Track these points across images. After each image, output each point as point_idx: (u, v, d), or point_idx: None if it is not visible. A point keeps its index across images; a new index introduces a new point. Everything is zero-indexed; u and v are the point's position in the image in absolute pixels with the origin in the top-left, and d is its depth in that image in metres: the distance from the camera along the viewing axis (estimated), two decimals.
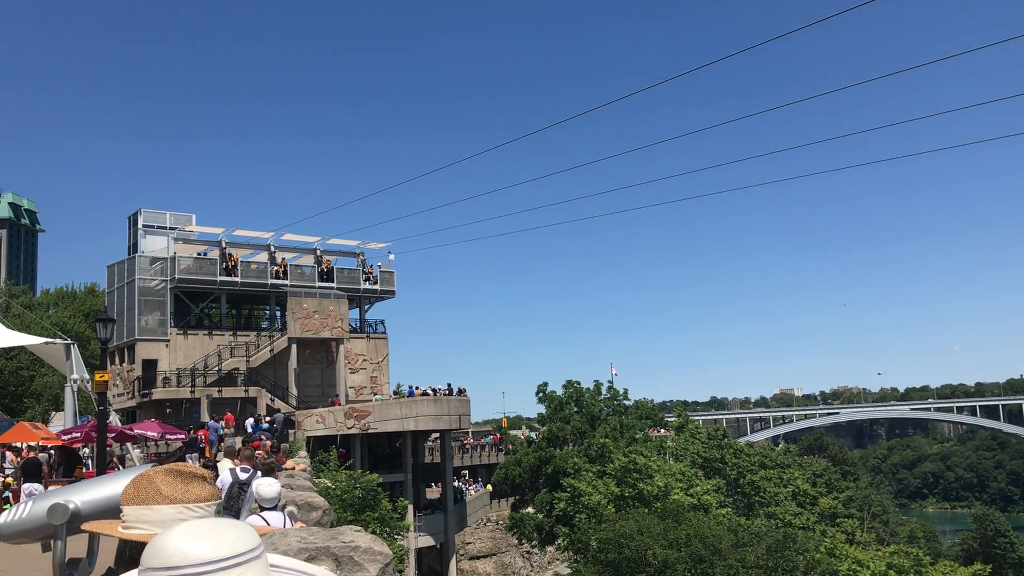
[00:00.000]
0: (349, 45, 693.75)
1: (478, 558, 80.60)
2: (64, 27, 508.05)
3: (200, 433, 41.87)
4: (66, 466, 24.88)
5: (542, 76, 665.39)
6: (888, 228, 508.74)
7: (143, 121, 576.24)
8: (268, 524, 9.36)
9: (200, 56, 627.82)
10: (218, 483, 13.39)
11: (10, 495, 25.84)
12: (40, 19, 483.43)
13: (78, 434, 32.57)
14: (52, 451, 30.62)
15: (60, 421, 46.09)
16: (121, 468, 26.00)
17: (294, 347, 63.54)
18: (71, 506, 3.80)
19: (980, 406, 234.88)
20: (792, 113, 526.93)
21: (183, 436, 39.65)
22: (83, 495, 3.88)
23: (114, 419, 44.46)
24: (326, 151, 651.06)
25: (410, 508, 59.62)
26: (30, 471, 24.12)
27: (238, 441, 27.80)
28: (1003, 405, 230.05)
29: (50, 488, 22.28)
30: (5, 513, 4.15)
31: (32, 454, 28.27)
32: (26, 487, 22.75)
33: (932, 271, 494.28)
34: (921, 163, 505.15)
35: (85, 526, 3.39)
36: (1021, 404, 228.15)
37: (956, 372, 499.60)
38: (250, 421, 42.76)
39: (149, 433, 40.00)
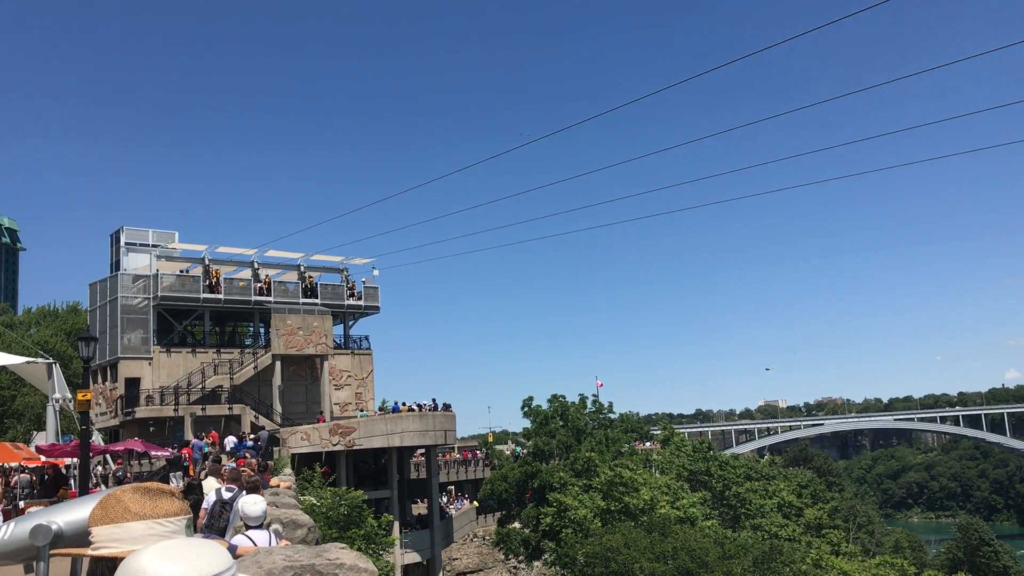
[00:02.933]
0: (332, 62, 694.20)
1: (465, 574, 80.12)
2: (45, 43, 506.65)
3: (184, 451, 41.53)
4: (52, 487, 24.60)
5: (525, 91, 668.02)
6: (870, 239, 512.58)
7: (124, 139, 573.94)
8: (254, 543, 9.32)
9: (182, 72, 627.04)
10: (204, 504, 13.33)
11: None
12: (22, 35, 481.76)
13: (55, 452, 32.29)
14: (33, 473, 30.28)
15: (42, 441, 45.65)
16: (105, 488, 25.79)
17: (278, 364, 63.25)
18: (54, 527, 3.78)
19: (963, 416, 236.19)
20: (777, 125, 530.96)
21: (167, 454, 39.32)
22: (65, 516, 3.86)
23: (97, 439, 44.02)
24: (308, 167, 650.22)
25: (396, 524, 59.34)
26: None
27: (223, 459, 27.61)
28: (985, 414, 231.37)
29: (31, 509, 22.06)
30: None
31: (26, 474, 27.99)
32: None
33: (913, 282, 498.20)
34: (902, 175, 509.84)
35: (54, 552, 3.38)
36: (1003, 413, 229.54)
37: (938, 382, 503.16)
38: (231, 439, 42.37)
39: (136, 448, 39.76)
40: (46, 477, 28.95)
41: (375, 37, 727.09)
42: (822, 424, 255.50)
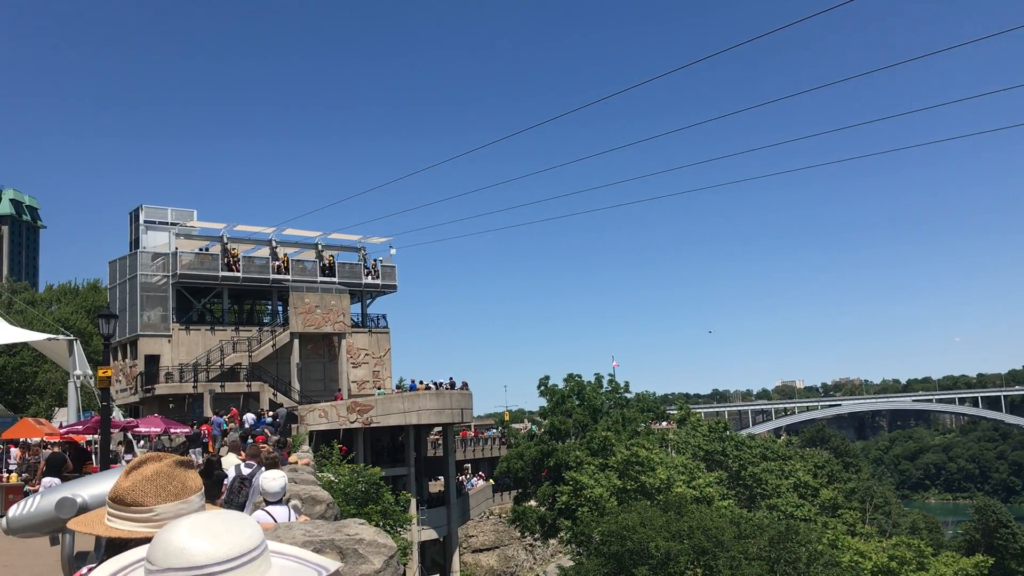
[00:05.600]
0: (351, 42, 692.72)
1: (481, 551, 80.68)
2: (65, 24, 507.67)
3: (203, 428, 41.93)
4: (75, 463, 24.82)
5: (547, 70, 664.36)
6: (890, 222, 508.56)
7: (144, 117, 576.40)
8: (273, 518, 9.41)
9: (201, 53, 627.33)
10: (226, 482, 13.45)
11: (29, 489, 25.84)
12: (41, 17, 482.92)
13: (80, 428, 32.68)
14: (67, 447, 30.65)
15: (63, 417, 46.20)
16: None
17: (296, 342, 63.58)
18: (79, 500, 3.83)
19: (982, 397, 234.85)
20: (797, 105, 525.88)
21: (187, 431, 39.72)
22: (90, 489, 3.91)
23: (117, 414, 44.52)
24: (327, 146, 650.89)
25: (413, 501, 59.72)
26: (53, 466, 24.10)
27: (237, 437, 27.83)
28: (1005, 396, 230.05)
29: (47, 482, 22.34)
30: (13, 507, 4.18)
31: (57, 449, 28.31)
32: (46, 481, 22.74)
33: (934, 264, 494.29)
34: (922, 156, 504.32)
35: (71, 524, 3.40)
36: (1023, 395, 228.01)
37: (958, 364, 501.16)
38: (250, 416, 42.70)
39: (152, 429, 40.16)
40: (68, 454, 29.27)
41: (396, 20, 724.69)
42: (839, 405, 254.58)
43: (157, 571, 2.10)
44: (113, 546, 2.85)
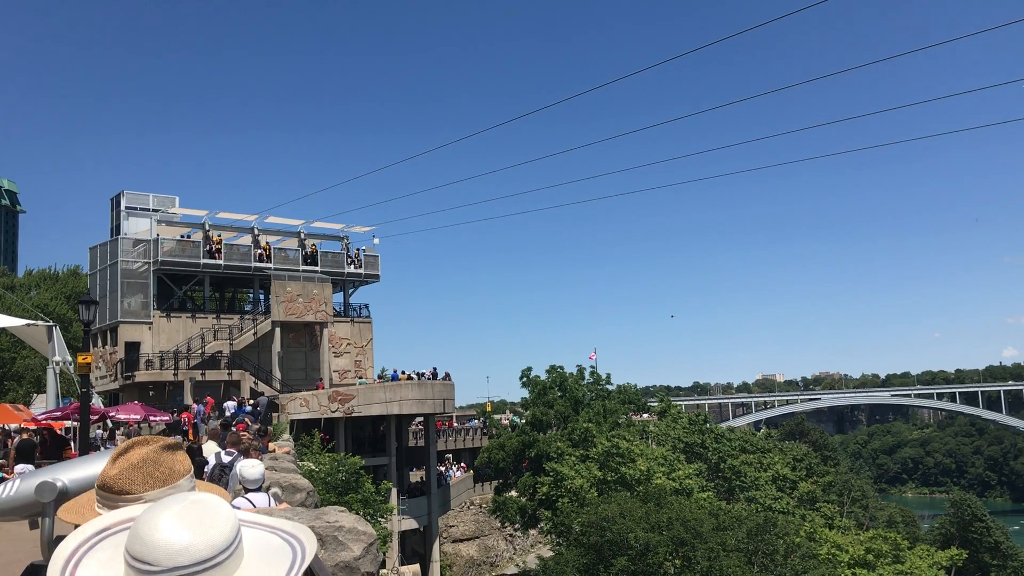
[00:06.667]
0: (335, 33, 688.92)
1: (461, 541, 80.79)
2: (46, 11, 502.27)
3: (184, 416, 41.76)
4: (53, 449, 24.69)
5: (531, 62, 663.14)
6: (870, 217, 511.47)
7: (126, 103, 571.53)
8: (253, 505, 9.42)
9: (185, 42, 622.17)
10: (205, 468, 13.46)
11: (4, 476, 25.69)
12: (22, 3, 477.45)
13: (59, 414, 32.47)
14: (44, 433, 30.48)
15: (42, 403, 45.88)
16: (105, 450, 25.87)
17: (278, 330, 63.37)
18: (59, 484, 3.83)
19: (959, 392, 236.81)
20: (783, 99, 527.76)
21: (167, 418, 39.55)
22: (70, 473, 3.91)
23: (97, 401, 44.25)
24: (311, 135, 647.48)
25: (394, 491, 59.76)
26: (24, 452, 23.97)
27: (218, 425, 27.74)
28: (982, 391, 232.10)
29: (19, 468, 22.23)
30: None
31: (27, 436, 28.14)
32: (19, 468, 22.64)
33: (913, 260, 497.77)
34: (902, 151, 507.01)
35: (60, 513, 3.40)
36: (1000, 391, 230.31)
37: (936, 359, 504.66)
38: (231, 404, 42.51)
39: (132, 416, 39.94)
40: (46, 441, 29.12)
41: (377, 8, 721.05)
42: (819, 399, 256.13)
43: (135, 562, 2.07)
44: None
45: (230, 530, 2.17)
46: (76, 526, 3.89)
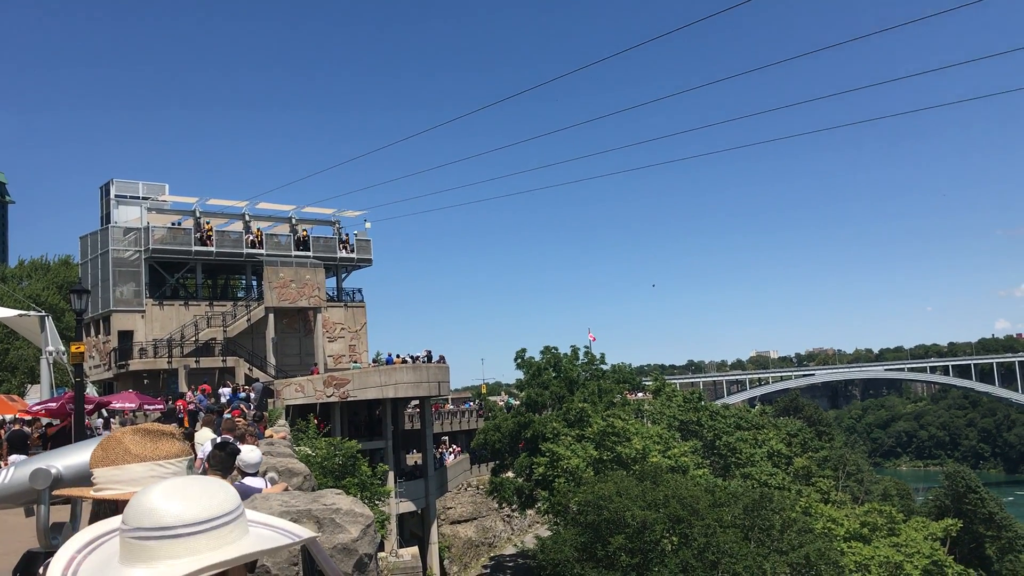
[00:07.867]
0: (326, 14, 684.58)
1: (459, 522, 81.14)
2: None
3: (179, 403, 41.72)
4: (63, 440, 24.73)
5: (521, 40, 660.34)
6: (862, 193, 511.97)
7: (114, 90, 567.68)
8: (250, 487, 9.42)
9: (174, 25, 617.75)
10: (200, 454, 13.44)
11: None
12: None
13: (54, 405, 32.40)
14: (27, 426, 30.44)
15: (36, 394, 45.79)
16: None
17: (271, 316, 63.29)
18: (53, 471, 3.81)
19: (952, 366, 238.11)
20: (772, 75, 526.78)
21: (162, 407, 39.51)
22: (65, 460, 3.90)
23: (91, 391, 44.20)
24: (301, 119, 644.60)
25: (391, 474, 59.93)
26: (16, 443, 23.96)
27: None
28: (975, 364, 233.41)
29: (11, 458, 22.23)
30: None
31: (18, 427, 28.10)
32: (12, 459, 22.65)
33: (905, 234, 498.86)
34: (892, 124, 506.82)
35: (58, 491, 3.40)
36: (993, 363, 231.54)
37: (929, 333, 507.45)
38: (226, 390, 42.47)
39: (127, 405, 39.88)
40: (45, 431, 29.15)
41: None
42: (813, 374, 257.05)
43: (128, 531, 2.12)
44: (98, 516, 2.87)
45: (221, 501, 2.19)
46: (72, 505, 3.89)
